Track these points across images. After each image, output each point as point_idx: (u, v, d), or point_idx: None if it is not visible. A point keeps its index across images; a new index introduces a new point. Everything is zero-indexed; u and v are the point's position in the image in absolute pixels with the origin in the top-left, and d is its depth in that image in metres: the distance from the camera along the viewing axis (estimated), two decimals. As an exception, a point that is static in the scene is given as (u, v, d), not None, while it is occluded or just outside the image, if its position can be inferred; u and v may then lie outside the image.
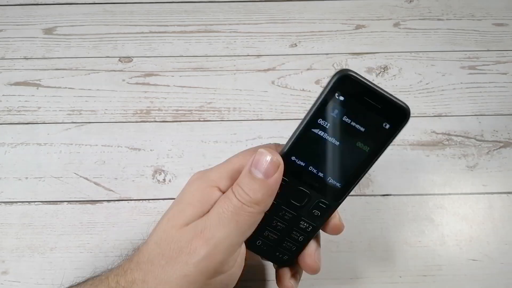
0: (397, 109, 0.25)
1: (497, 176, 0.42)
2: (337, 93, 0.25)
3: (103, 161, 0.43)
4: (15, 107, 0.47)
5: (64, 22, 0.53)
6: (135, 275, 0.26)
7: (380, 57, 0.50)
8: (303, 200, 0.28)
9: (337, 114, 0.25)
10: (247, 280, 0.38)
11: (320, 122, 0.26)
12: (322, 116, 0.25)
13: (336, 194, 0.27)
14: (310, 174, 0.27)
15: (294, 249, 0.30)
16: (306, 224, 0.29)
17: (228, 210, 0.25)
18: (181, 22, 0.53)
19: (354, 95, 0.25)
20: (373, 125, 0.25)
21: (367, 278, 0.37)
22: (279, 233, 0.29)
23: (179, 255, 0.25)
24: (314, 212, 0.28)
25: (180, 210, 0.27)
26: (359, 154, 0.26)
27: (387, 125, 0.25)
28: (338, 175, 0.27)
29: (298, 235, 0.29)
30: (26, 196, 0.42)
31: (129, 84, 0.48)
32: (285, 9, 0.54)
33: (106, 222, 0.40)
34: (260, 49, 0.51)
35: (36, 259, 0.38)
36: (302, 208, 0.28)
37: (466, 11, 0.53)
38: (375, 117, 0.25)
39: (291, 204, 0.28)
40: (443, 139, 0.44)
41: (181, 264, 0.25)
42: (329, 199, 0.27)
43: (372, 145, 0.26)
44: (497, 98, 0.47)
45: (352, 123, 0.25)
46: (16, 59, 0.50)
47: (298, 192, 0.28)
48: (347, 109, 0.25)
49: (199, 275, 0.25)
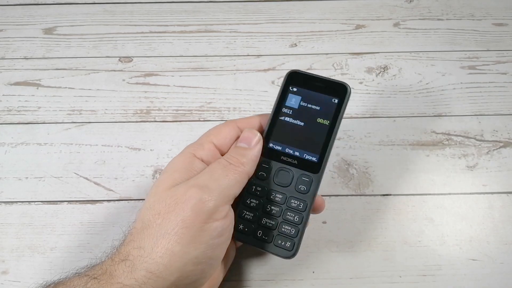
0: (338, 86, 0.33)
1: (497, 176, 0.42)
2: (291, 87, 0.33)
3: (103, 161, 0.43)
4: (15, 107, 0.47)
5: (64, 22, 0.53)
6: (128, 246, 0.27)
7: (380, 57, 0.50)
8: (288, 179, 0.32)
9: (295, 102, 0.33)
10: (244, 280, 0.38)
11: (284, 111, 0.33)
12: (284, 106, 0.33)
13: (314, 166, 0.32)
14: (288, 154, 0.33)
15: (293, 233, 0.32)
16: (297, 201, 0.32)
17: (219, 167, 0.30)
18: (181, 22, 0.53)
19: (304, 85, 0.33)
20: (325, 103, 0.33)
21: (367, 278, 0.37)
22: (275, 218, 0.32)
23: (176, 206, 0.27)
24: (301, 187, 0.32)
25: (167, 177, 0.30)
26: (322, 128, 0.32)
27: (335, 100, 0.32)
28: (311, 150, 0.32)
29: (293, 216, 0.32)
30: (26, 196, 0.42)
31: (129, 84, 0.48)
32: (285, 9, 0.54)
33: (106, 222, 0.40)
34: (260, 49, 0.51)
35: (36, 259, 0.38)
36: (289, 187, 0.32)
37: (466, 11, 0.53)
38: (324, 97, 0.33)
39: (279, 186, 0.32)
40: (443, 139, 0.44)
41: (178, 212, 0.27)
42: (310, 171, 0.32)
43: (330, 118, 0.32)
44: (497, 98, 0.47)
45: (308, 105, 0.33)
46: (16, 59, 0.50)
47: (282, 173, 0.33)
48: (302, 96, 0.33)
49: (194, 218, 0.27)
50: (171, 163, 0.31)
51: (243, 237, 0.32)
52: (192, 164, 0.30)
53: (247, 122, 0.34)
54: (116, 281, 0.26)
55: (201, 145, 0.32)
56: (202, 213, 0.27)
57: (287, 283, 0.37)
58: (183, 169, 0.30)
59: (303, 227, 0.32)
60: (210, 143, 0.32)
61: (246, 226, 0.32)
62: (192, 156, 0.31)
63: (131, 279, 0.26)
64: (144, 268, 0.26)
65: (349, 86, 0.32)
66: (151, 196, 0.29)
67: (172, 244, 0.26)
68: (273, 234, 0.32)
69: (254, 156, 0.31)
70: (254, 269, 0.38)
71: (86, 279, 0.26)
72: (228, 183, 0.29)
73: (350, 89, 0.32)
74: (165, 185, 0.29)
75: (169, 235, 0.27)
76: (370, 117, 0.46)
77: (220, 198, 0.28)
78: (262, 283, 0.38)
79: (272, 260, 0.38)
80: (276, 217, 0.32)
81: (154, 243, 0.26)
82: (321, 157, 0.32)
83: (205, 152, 0.31)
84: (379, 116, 0.46)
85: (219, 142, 0.32)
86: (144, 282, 0.26)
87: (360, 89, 0.48)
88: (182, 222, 0.27)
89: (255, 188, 0.33)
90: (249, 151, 0.31)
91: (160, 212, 0.27)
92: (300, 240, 0.32)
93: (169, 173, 0.30)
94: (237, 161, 0.30)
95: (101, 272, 0.26)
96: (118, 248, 0.28)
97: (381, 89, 0.47)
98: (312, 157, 0.32)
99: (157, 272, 0.26)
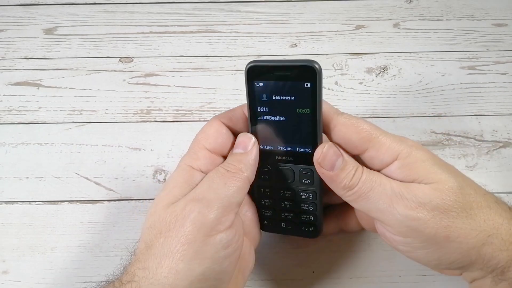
0: (305, 68, 0.28)
1: (497, 176, 0.42)
2: (256, 82, 0.29)
3: (103, 161, 0.44)
4: (16, 107, 0.47)
5: (65, 22, 0.53)
6: (134, 267, 0.27)
7: (380, 57, 0.50)
8: (290, 176, 0.32)
9: (267, 97, 0.29)
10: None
11: (260, 110, 0.30)
12: (257, 104, 0.30)
13: (311, 158, 0.30)
14: (282, 153, 0.31)
15: (312, 220, 0.33)
16: (306, 194, 0.32)
17: (217, 176, 0.28)
18: (182, 23, 0.53)
19: (267, 77, 0.29)
20: (298, 90, 0.28)
21: (367, 278, 0.38)
22: (292, 211, 0.33)
23: (176, 223, 0.26)
24: (305, 181, 0.31)
25: (166, 194, 0.29)
26: (305, 117, 0.29)
27: (307, 85, 0.28)
28: (302, 142, 0.30)
29: (307, 206, 0.32)
30: (26, 196, 0.42)
31: (130, 84, 0.49)
32: (285, 10, 0.54)
33: (106, 222, 0.40)
34: (260, 49, 0.51)
35: (37, 258, 0.38)
36: (293, 182, 0.32)
37: (465, 11, 0.53)
38: (295, 84, 0.28)
39: (284, 184, 0.32)
40: (443, 139, 0.45)
41: (179, 229, 0.26)
42: (308, 163, 0.30)
43: (309, 106, 0.29)
44: (496, 98, 0.47)
45: (282, 98, 0.29)
46: (17, 59, 0.50)
47: (282, 172, 0.32)
48: (271, 89, 0.29)
49: (196, 232, 0.26)
50: (169, 180, 0.30)
51: (271, 228, 0.34)
52: (192, 177, 0.29)
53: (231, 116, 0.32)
54: None
55: (195, 154, 0.30)
56: (203, 227, 0.26)
57: (287, 283, 0.38)
58: (183, 183, 0.29)
59: (320, 212, 0.32)
60: (203, 150, 0.30)
61: (270, 221, 0.34)
62: (190, 169, 0.29)
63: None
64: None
65: (316, 65, 0.27)
66: (151, 215, 0.28)
67: (176, 263, 0.26)
68: (295, 222, 0.33)
69: (252, 160, 0.30)
70: (254, 269, 0.38)
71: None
72: (227, 191, 0.28)
73: (320, 68, 0.28)
74: (164, 202, 0.28)
75: (172, 253, 0.26)
76: (370, 117, 0.46)
77: (221, 209, 0.27)
78: (262, 283, 0.38)
79: (272, 260, 0.38)
80: (293, 209, 0.33)
81: (158, 263, 0.26)
82: (313, 147, 0.30)
83: (202, 162, 0.30)
84: (379, 116, 0.46)
85: (211, 145, 0.31)
86: None
87: (360, 89, 0.48)
88: (184, 238, 0.26)
89: (263, 190, 0.33)
90: (245, 156, 0.30)
91: (161, 231, 0.27)
92: (321, 222, 0.33)
93: (168, 189, 0.29)
94: (235, 168, 0.29)
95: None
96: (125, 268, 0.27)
97: (381, 89, 0.48)
98: (305, 149, 0.30)
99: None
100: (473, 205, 0.27)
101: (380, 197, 0.27)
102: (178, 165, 0.31)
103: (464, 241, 0.26)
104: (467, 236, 0.26)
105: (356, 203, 0.29)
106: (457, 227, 0.26)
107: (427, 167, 0.28)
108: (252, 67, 0.29)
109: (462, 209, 0.27)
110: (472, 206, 0.27)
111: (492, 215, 0.27)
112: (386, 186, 0.27)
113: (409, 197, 0.27)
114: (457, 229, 0.26)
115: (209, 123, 0.31)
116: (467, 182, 0.28)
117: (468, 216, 0.27)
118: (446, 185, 0.27)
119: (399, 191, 0.27)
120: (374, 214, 0.28)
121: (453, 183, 0.27)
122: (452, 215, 0.26)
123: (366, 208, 0.28)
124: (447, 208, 0.26)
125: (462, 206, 0.27)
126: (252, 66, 0.29)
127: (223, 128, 0.31)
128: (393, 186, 0.27)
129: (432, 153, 0.29)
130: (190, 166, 0.30)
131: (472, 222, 0.27)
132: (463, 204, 0.27)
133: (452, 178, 0.27)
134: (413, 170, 0.28)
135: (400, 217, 0.27)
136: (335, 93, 0.47)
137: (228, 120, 0.32)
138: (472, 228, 0.26)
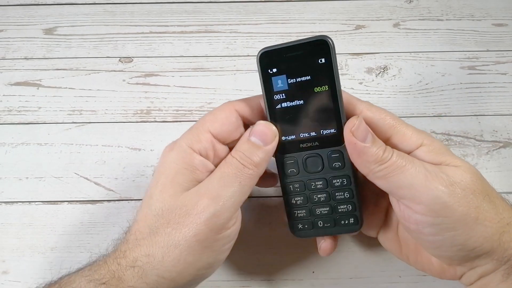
0: (317, 43, 0.27)
1: (497, 176, 0.42)
2: (269, 69, 0.29)
3: (103, 161, 0.44)
4: (15, 107, 0.47)
5: (65, 22, 0.53)
6: (136, 253, 0.27)
7: (380, 57, 0.50)
8: (319, 163, 0.30)
9: (283, 82, 0.29)
10: (244, 280, 0.38)
11: (276, 98, 0.29)
12: (274, 92, 0.29)
13: (337, 138, 0.29)
14: (306, 140, 0.29)
15: (351, 209, 0.31)
16: (339, 179, 0.30)
17: (231, 172, 0.28)
18: (182, 23, 0.53)
19: (280, 60, 0.28)
20: (313, 68, 0.28)
21: (367, 278, 0.38)
22: (327, 204, 0.31)
23: (187, 218, 0.26)
24: (335, 165, 0.30)
25: (170, 181, 0.28)
26: (324, 95, 0.28)
27: (322, 60, 0.28)
28: (325, 123, 0.29)
29: (342, 194, 0.30)
30: (26, 196, 0.42)
31: (130, 84, 0.48)
32: (285, 10, 0.54)
33: (106, 222, 0.40)
34: (260, 49, 0.51)
35: (37, 258, 0.38)
36: (324, 169, 0.30)
37: (465, 11, 0.53)
38: (308, 62, 0.28)
39: (314, 174, 0.30)
40: (443, 139, 0.45)
41: (190, 225, 0.26)
42: (335, 145, 0.29)
43: (326, 82, 0.28)
44: (496, 98, 0.47)
45: (298, 79, 0.28)
46: (16, 59, 0.50)
47: (310, 160, 0.30)
48: (286, 73, 0.28)
49: (208, 232, 0.26)
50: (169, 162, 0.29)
51: (304, 233, 0.32)
52: (193, 161, 0.28)
53: (246, 104, 0.31)
54: (126, 285, 0.26)
55: (197, 136, 0.29)
56: (215, 227, 0.27)
57: (287, 283, 0.38)
58: (186, 170, 0.28)
59: (358, 199, 0.31)
60: (206, 133, 0.29)
61: (304, 224, 0.32)
62: (191, 152, 0.29)
63: (142, 283, 0.26)
64: (155, 274, 0.26)
65: (328, 38, 0.27)
66: (157, 201, 0.28)
67: (186, 255, 0.26)
68: (333, 218, 0.31)
69: (269, 156, 0.29)
70: (254, 269, 0.38)
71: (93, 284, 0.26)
72: (241, 190, 0.28)
73: (332, 41, 0.27)
74: (171, 190, 0.28)
75: (181, 246, 0.26)
76: (370, 117, 0.46)
77: (233, 208, 0.27)
78: (262, 283, 0.38)
79: (272, 260, 0.38)
80: (327, 202, 0.31)
81: (165, 252, 0.26)
82: (338, 126, 0.29)
83: (203, 145, 0.29)
84: (379, 116, 0.46)
85: (216, 130, 0.29)
86: (155, 286, 0.26)
87: (360, 90, 0.48)
88: (195, 236, 0.26)
89: (292, 186, 0.31)
90: (263, 150, 0.28)
91: (169, 221, 0.27)
92: (360, 210, 0.31)
93: (171, 175, 0.28)
94: (250, 163, 0.28)
95: (110, 277, 0.26)
96: (123, 252, 0.27)
97: (381, 89, 0.48)
98: (330, 130, 0.29)
99: (170, 278, 0.26)
100: (492, 193, 0.28)
101: (415, 173, 0.27)
102: (177, 143, 0.29)
103: (489, 225, 0.27)
104: (492, 220, 0.27)
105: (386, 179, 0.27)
106: (484, 209, 0.27)
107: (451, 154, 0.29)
108: (264, 53, 0.29)
109: (486, 194, 0.27)
110: (492, 194, 0.28)
111: (505, 206, 0.28)
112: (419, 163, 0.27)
113: (442, 175, 0.27)
114: (485, 211, 0.27)
115: (221, 108, 0.30)
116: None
117: (491, 202, 0.27)
118: (471, 170, 0.28)
119: (432, 169, 0.27)
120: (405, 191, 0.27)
121: (474, 169, 0.28)
122: (480, 197, 0.27)
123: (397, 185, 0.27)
124: (476, 189, 0.27)
125: (486, 191, 0.27)
126: (263, 52, 0.29)
127: (233, 116, 0.30)
128: (425, 164, 0.27)
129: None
130: (190, 147, 0.29)
131: (494, 208, 0.27)
132: (486, 189, 0.27)
133: (472, 166, 0.28)
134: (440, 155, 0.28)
135: (438, 192, 0.26)
136: (335, 93, 0.47)
137: (243, 108, 0.30)
138: (496, 213, 0.27)
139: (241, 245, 0.39)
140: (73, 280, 0.27)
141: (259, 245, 0.39)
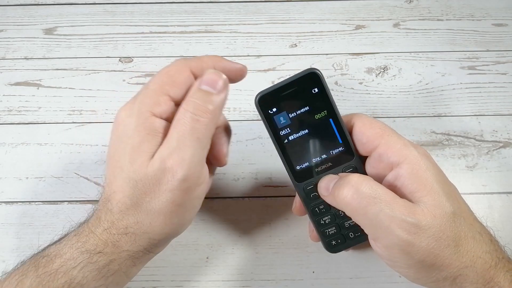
0: (307, 77, 0.30)
1: (497, 176, 0.42)
2: (269, 110, 0.31)
3: (103, 161, 0.43)
4: (15, 107, 0.47)
5: (65, 22, 0.53)
6: (125, 222, 0.28)
7: (380, 57, 0.50)
8: None
9: (284, 118, 0.31)
10: (244, 280, 0.38)
11: (283, 133, 0.31)
12: (280, 129, 0.31)
13: (347, 154, 0.32)
14: (319, 163, 0.32)
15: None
16: None
17: (187, 129, 0.27)
18: (181, 23, 0.53)
19: (277, 100, 0.31)
20: (308, 99, 0.31)
21: (367, 278, 0.38)
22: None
23: (160, 186, 0.27)
24: None
25: (136, 149, 0.28)
26: (325, 119, 0.31)
27: (315, 90, 0.30)
28: (333, 144, 0.31)
29: None
30: (26, 196, 0.42)
31: (130, 84, 0.48)
32: (285, 10, 0.54)
33: (106, 222, 0.40)
34: (260, 49, 0.51)
35: (37, 258, 0.38)
36: None
37: (465, 11, 0.53)
38: (303, 94, 0.31)
39: None
40: (443, 139, 0.45)
41: (166, 193, 0.27)
42: (347, 161, 0.32)
43: (324, 108, 0.31)
44: (496, 98, 0.47)
45: (298, 112, 0.31)
46: (16, 59, 0.50)
47: None
48: (285, 110, 0.31)
49: (184, 195, 0.28)
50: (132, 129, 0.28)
51: (339, 248, 0.34)
52: (154, 125, 0.28)
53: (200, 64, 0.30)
54: (122, 249, 0.28)
55: (157, 99, 0.28)
56: (189, 189, 0.28)
57: (287, 283, 0.38)
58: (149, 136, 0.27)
59: None
60: (165, 96, 0.28)
61: (337, 239, 0.34)
62: (151, 116, 0.28)
63: (138, 246, 0.29)
64: (147, 237, 0.29)
65: (316, 70, 0.30)
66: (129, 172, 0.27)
67: (170, 219, 0.28)
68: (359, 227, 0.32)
69: (221, 103, 0.29)
70: (254, 269, 0.38)
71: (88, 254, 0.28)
72: (201, 144, 0.28)
73: (320, 71, 0.30)
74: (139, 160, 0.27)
75: (164, 213, 0.28)
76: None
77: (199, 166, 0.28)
78: (262, 283, 0.38)
79: (272, 260, 0.38)
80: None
81: (151, 219, 0.28)
82: (345, 143, 0.31)
83: (163, 108, 0.28)
84: (378, 117, 0.46)
85: (175, 93, 0.28)
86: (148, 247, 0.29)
87: (360, 89, 0.48)
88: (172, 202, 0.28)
89: (318, 208, 0.33)
90: (216, 97, 0.28)
91: (145, 191, 0.27)
92: None
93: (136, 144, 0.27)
94: (205, 110, 0.27)
95: (103, 246, 0.28)
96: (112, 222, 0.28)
97: (381, 89, 0.48)
98: (339, 149, 0.31)
99: (160, 238, 0.29)
100: (461, 234, 0.28)
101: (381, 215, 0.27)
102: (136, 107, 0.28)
103: (445, 270, 0.27)
104: (449, 266, 0.27)
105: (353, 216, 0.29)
106: (444, 256, 0.27)
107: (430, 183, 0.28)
108: (261, 97, 0.31)
109: (452, 240, 0.27)
110: (460, 236, 0.28)
111: (473, 247, 0.28)
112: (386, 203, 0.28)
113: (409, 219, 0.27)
114: (443, 258, 0.27)
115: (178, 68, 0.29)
116: (460, 207, 0.29)
117: (455, 247, 0.27)
118: (443, 211, 0.27)
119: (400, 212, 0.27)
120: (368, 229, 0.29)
121: (448, 208, 0.28)
122: (444, 244, 0.27)
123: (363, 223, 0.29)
124: (441, 237, 0.27)
125: (453, 236, 0.27)
126: (261, 96, 0.31)
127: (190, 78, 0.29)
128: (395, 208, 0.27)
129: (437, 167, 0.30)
130: (151, 112, 0.28)
131: (457, 253, 0.27)
132: (454, 234, 0.27)
133: (449, 202, 0.28)
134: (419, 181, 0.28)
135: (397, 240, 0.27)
136: (335, 93, 0.47)
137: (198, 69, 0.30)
138: (456, 259, 0.27)
139: (241, 245, 0.39)
140: (64, 252, 0.28)
141: (259, 245, 0.39)
